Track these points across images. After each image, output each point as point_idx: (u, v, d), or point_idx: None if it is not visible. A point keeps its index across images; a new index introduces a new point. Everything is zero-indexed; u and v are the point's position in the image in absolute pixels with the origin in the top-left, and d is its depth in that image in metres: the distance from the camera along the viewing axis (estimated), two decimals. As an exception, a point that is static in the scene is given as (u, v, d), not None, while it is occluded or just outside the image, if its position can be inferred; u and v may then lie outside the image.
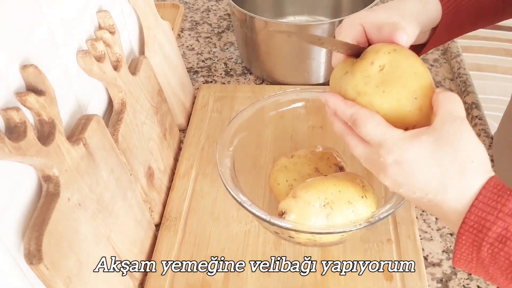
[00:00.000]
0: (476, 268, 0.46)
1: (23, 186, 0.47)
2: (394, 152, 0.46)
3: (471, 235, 0.44)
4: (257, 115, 0.71)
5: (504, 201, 0.43)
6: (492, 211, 0.43)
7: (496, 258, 0.44)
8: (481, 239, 0.44)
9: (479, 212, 0.44)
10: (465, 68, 0.97)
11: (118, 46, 0.65)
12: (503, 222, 0.43)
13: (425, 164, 0.46)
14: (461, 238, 0.45)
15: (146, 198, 0.69)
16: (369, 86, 0.49)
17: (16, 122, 0.44)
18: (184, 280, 0.65)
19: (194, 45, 1.08)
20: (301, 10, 1.08)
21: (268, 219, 0.57)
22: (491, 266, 0.45)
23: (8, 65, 0.45)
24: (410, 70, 0.49)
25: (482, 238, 0.44)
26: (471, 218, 0.44)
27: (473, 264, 0.46)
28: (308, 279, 0.65)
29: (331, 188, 0.59)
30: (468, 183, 0.45)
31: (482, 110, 0.88)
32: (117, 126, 0.64)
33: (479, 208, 0.44)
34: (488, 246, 0.44)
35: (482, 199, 0.44)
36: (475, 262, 0.46)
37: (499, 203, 0.43)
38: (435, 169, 0.45)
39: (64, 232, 0.48)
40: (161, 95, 0.78)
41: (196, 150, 0.81)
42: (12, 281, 0.45)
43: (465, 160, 0.45)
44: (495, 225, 0.43)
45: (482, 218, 0.44)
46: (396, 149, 0.46)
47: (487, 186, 0.44)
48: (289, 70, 0.94)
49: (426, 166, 0.46)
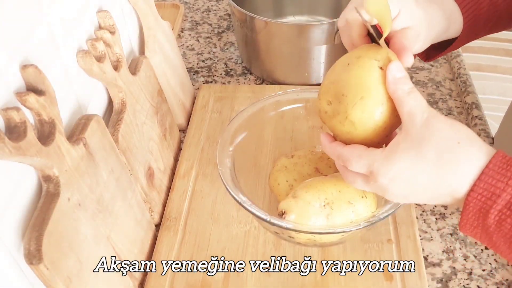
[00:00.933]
0: (481, 234, 0.47)
1: (23, 186, 0.47)
2: (384, 173, 0.47)
3: (479, 202, 0.45)
4: (257, 115, 0.71)
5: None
6: (502, 178, 0.44)
7: (502, 225, 0.45)
8: (489, 206, 0.45)
9: (489, 179, 0.45)
10: (465, 68, 0.97)
11: (118, 46, 0.65)
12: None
13: (416, 170, 0.46)
14: (469, 205, 0.46)
15: (146, 198, 0.69)
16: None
17: (16, 122, 0.44)
18: (184, 280, 0.65)
19: (194, 45, 1.08)
20: (301, 10, 1.08)
21: (268, 219, 0.57)
22: (496, 234, 0.46)
23: (8, 65, 0.45)
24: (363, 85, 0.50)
25: (490, 205, 0.45)
26: (480, 185, 0.45)
27: (478, 230, 0.47)
28: (308, 279, 0.65)
29: (331, 188, 0.59)
30: (465, 165, 0.46)
31: (482, 110, 0.88)
32: (117, 126, 0.64)
33: (489, 175, 0.45)
34: (496, 213, 0.44)
35: (492, 167, 0.45)
36: (480, 228, 0.46)
37: (508, 171, 0.44)
38: (427, 168, 0.46)
39: (64, 232, 0.48)
40: (161, 95, 0.78)
41: (196, 150, 0.81)
42: (12, 281, 0.45)
43: (450, 146, 0.46)
44: (504, 192, 0.44)
45: (492, 185, 0.44)
46: (384, 169, 0.47)
47: (497, 156, 0.45)
48: (289, 70, 0.94)
49: (418, 170, 0.46)
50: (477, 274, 0.66)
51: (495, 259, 0.68)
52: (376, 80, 0.49)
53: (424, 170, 0.46)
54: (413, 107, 0.47)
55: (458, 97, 0.93)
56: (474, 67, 2.17)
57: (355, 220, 0.58)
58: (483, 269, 0.67)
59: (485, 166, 0.45)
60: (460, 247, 0.69)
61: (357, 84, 0.49)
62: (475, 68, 2.17)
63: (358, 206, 0.59)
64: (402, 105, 0.47)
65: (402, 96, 0.47)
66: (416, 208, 0.74)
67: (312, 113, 0.74)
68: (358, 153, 0.49)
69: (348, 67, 0.50)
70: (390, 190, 0.48)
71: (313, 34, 0.88)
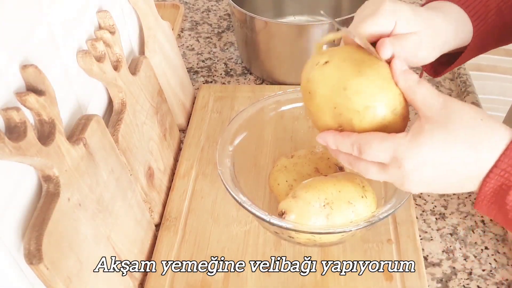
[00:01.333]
0: (497, 212, 0.47)
1: (23, 186, 0.47)
2: (411, 155, 0.46)
3: (501, 179, 0.45)
4: (257, 115, 0.71)
5: None
6: None
7: None
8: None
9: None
10: (465, 68, 0.97)
11: (118, 46, 0.65)
12: None
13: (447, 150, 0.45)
14: (490, 182, 0.45)
15: (146, 198, 0.69)
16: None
17: (16, 122, 0.44)
18: (184, 280, 0.65)
19: (194, 45, 1.08)
20: (301, 10, 1.08)
21: (268, 219, 0.57)
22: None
23: (8, 65, 0.45)
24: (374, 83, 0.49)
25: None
26: (505, 161, 0.44)
27: (495, 207, 0.46)
28: (308, 279, 0.65)
29: (331, 188, 0.59)
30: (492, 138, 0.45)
31: (482, 110, 0.88)
32: (117, 126, 0.64)
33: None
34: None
35: None
36: (497, 206, 0.46)
37: None
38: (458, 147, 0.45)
39: (64, 232, 0.48)
40: (161, 95, 0.78)
41: (196, 150, 0.81)
42: (12, 281, 0.45)
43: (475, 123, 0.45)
44: None
45: None
46: (411, 153, 0.46)
47: None
48: (289, 70, 0.94)
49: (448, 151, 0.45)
50: (477, 274, 0.66)
51: (495, 259, 0.68)
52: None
53: (455, 149, 0.45)
54: (426, 93, 0.47)
55: (458, 97, 0.94)
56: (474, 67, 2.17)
57: (355, 220, 0.58)
58: (483, 269, 0.67)
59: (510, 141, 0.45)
60: (460, 247, 0.69)
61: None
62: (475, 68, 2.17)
63: (358, 206, 0.59)
64: (414, 94, 0.47)
65: (413, 86, 0.47)
66: (416, 208, 0.74)
67: (312, 113, 0.74)
68: (380, 136, 0.47)
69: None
70: (413, 177, 0.47)
71: (313, 34, 0.88)
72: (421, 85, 0.47)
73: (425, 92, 0.47)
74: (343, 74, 0.49)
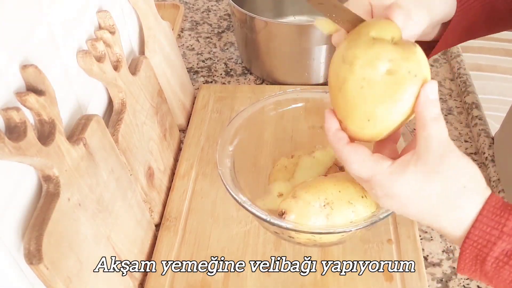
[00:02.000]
0: (480, 277, 0.47)
1: (23, 186, 0.47)
2: (383, 186, 0.47)
3: (475, 250, 0.45)
4: (257, 115, 0.71)
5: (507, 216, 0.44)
6: (496, 225, 0.44)
7: (500, 272, 0.44)
8: (486, 253, 0.44)
9: (484, 227, 0.44)
10: (465, 68, 0.97)
11: (118, 46, 0.65)
12: (508, 237, 0.43)
13: (415, 197, 0.46)
14: (465, 252, 0.45)
15: (146, 198, 0.69)
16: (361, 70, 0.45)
17: (16, 122, 0.44)
18: (184, 280, 0.65)
19: (194, 45, 1.08)
20: (301, 10, 1.08)
21: (268, 219, 0.57)
22: (495, 279, 0.45)
23: (8, 65, 0.45)
24: (394, 101, 0.46)
25: (486, 253, 0.44)
26: (475, 233, 0.44)
27: (477, 274, 0.46)
28: (308, 279, 0.65)
29: (331, 188, 0.59)
30: (463, 211, 0.45)
31: (482, 110, 0.88)
32: (117, 126, 0.64)
33: (484, 223, 0.44)
34: (493, 261, 0.44)
35: (486, 214, 0.44)
36: (479, 273, 0.46)
37: (502, 217, 0.44)
38: (426, 202, 0.46)
39: (64, 232, 0.48)
40: (161, 95, 0.78)
41: (196, 150, 0.81)
42: (12, 281, 0.45)
43: (455, 188, 0.45)
44: (500, 239, 0.43)
45: (487, 233, 0.44)
46: (385, 184, 0.46)
47: (490, 202, 0.44)
48: (289, 70, 0.94)
49: (416, 199, 0.46)
50: (477, 274, 0.66)
51: (495, 259, 0.68)
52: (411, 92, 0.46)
53: (421, 203, 0.46)
54: (434, 135, 0.44)
55: (458, 97, 0.93)
56: (474, 67, 2.17)
57: (355, 220, 0.58)
58: (483, 269, 0.67)
59: (478, 213, 0.44)
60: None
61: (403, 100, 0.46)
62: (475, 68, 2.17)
63: (358, 206, 0.59)
64: (423, 128, 0.45)
65: (428, 120, 0.44)
66: (416, 208, 0.74)
67: (312, 113, 0.74)
68: (363, 156, 0.47)
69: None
70: (381, 201, 0.49)
71: (313, 34, 0.88)
72: (437, 123, 0.44)
73: (433, 133, 0.44)
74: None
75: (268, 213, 0.58)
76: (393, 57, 0.45)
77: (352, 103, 0.47)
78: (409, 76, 0.45)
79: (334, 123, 0.49)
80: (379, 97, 0.46)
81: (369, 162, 0.47)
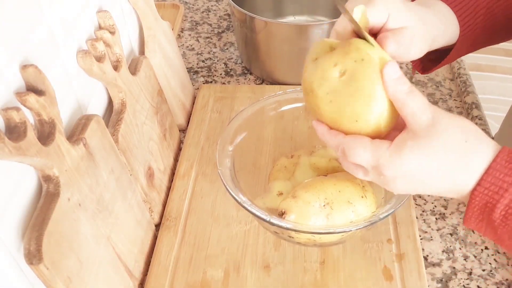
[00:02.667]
0: (486, 228, 0.47)
1: (23, 186, 0.47)
2: (390, 169, 0.47)
3: (485, 197, 0.45)
4: (257, 115, 0.71)
5: None
6: (509, 172, 0.44)
7: (508, 219, 0.45)
8: (496, 200, 0.45)
9: (497, 173, 0.45)
10: (465, 68, 0.97)
11: (118, 46, 0.65)
12: None
13: (424, 169, 0.46)
14: (475, 199, 0.46)
15: (146, 198, 0.69)
16: (321, 89, 0.49)
17: (16, 122, 0.44)
18: (184, 280, 0.65)
19: (194, 45, 1.08)
20: (301, 10, 1.08)
21: (268, 219, 0.57)
22: (500, 228, 0.46)
23: (8, 65, 0.45)
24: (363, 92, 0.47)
25: (497, 199, 0.45)
26: (488, 179, 0.45)
27: (483, 224, 0.47)
28: (308, 279, 0.65)
29: (331, 188, 0.59)
30: (473, 162, 0.46)
31: (482, 110, 0.88)
32: (117, 126, 0.64)
33: (497, 169, 0.45)
34: (502, 208, 0.45)
35: (500, 161, 0.45)
36: (486, 222, 0.47)
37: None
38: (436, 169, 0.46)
39: (64, 232, 0.48)
40: (161, 95, 0.78)
41: (196, 150, 0.81)
42: (12, 281, 0.45)
43: (458, 146, 0.46)
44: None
45: (499, 179, 0.45)
46: (391, 165, 0.47)
47: (503, 151, 0.45)
48: (289, 70, 0.94)
49: (426, 169, 0.46)
50: (477, 274, 0.66)
51: (495, 259, 0.68)
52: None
53: (433, 169, 0.46)
54: (416, 108, 0.46)
55: (458, 97, 0.94)
56: (474, 67, 2.17)
57: (355, 220, 0.58)
58: (483, 269, 0.67)
59: (492, 160, 0.45)
60: (460, 247, 0.69)
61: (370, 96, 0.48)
62: (475, 68, 2.17)
63: (358, 206, 0.59)
64: (403, 107, 0.46)
65: (402, 98, 0.46)
66: (416, 208, 0.74)
67: (312, 113, 0.74)
68: (364, 145, 0.48)
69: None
70: (393, 184, 0.48)
71: (313, 34, 0.88)
72: (412, 97, 0.46)
73: (414, 106, 0.46)
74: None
75: (267, 212, 0.58)
76: (335, 60, 0.48)
77: (335, 117, 0.49)
78: (358, 64, 0.47)
79: (324, 127, 0.51)
80: (351, 98, 0.48)
81: (370, 148, 0.48)
